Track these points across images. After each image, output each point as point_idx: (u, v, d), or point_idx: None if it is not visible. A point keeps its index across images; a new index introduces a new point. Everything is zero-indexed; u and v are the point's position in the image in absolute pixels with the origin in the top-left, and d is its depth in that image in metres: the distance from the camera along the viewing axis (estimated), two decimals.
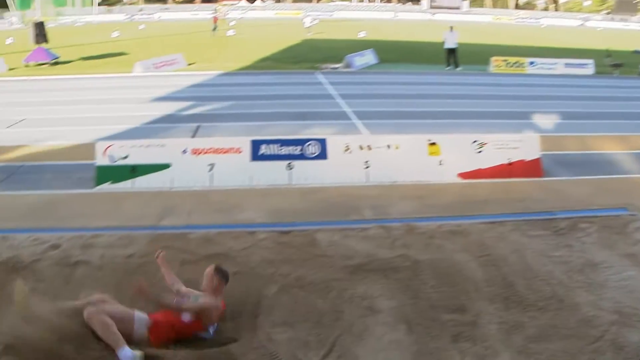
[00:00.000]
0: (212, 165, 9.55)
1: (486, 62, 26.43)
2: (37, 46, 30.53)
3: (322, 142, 9.76)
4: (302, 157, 9.65)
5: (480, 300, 5.65)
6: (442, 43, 26.63)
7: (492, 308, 5.53)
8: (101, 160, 9.64)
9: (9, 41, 47.59)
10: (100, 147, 9.75)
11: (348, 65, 26.28)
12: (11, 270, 6.32)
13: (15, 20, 49.19)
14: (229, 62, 29.19)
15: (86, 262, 6.55)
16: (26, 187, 9.59)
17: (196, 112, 16.24)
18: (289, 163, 9.61)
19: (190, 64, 28.57)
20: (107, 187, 9.49)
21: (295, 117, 15.01)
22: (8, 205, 8.72)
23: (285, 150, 9.66)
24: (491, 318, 5.37)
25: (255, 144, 9.71)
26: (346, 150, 9.72)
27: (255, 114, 15.55)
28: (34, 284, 6.08)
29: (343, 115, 15.21)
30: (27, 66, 29.56)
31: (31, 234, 7.36)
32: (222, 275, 5.52)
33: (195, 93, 19.78)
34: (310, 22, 47.98)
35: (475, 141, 9.94)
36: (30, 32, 31.11)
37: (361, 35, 44.11)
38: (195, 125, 14.24)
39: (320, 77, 23.26)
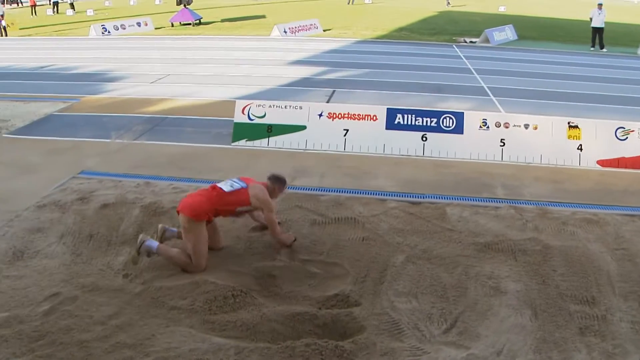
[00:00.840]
0: (346, 131, 9.62)
1: (636, 44, 24.60)
2: (181, 7, 32.05)
3: (459, 116, 9.55)
4: (437, 129, 9.49)
5: (612, 295, 5.35)
6: (588, 21, 25.01)
7: (625, 305, 5.21)
8: (239, 117, 9.97)
9: (157, 2, 50.09)
10: (239, 105, 10.07)
11: (486, 40, 25.40)
12: (153, 214, 6.80)
13: None
14: (365, 30, 29.12)
15: None
16: (168, 139, 10.13)
17: (331, 77, 16.39)
18: (424, 134, 9.48)
19: (326, 30, 28.79)
20: (243, 143, 9.84)
21: (431, 89, 14.79)
22: (152, 154, 9.30)
23: (420, 121, 9.52)
24: (623, 315, 5.07)
25: (391, 113, 9.64)
26: (482, 126, 9.45)
27: (390, 83, 15.47)
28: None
29: (479, 91, 14.76)
30: (172, 26, 31.13)
31: (172, 182, 7.88)
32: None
33: (331, 59, 19.96)
34: None
35: (620, 128, 9.31)
36: None
37: (501, 9, 42.41)
38: (330, 90, 14.37)
39: (457, 51, 22.66)
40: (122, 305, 5.04)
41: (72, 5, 44.44)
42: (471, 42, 25.50)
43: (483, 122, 9.47)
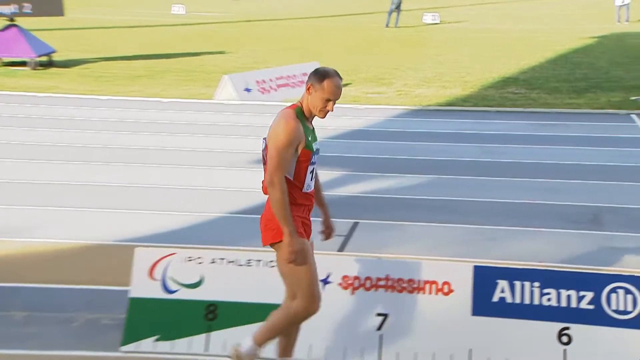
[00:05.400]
0: (383, 317, 8.92)
1: None
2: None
3: None
4: (594, 316, 8.64)
5: None
6: None
7: None
8: (142, 286, 9.44)
9: None
10: (142, 257, 9.51)
11: None
12: None
13: None
14: (426, 84, 29.32)
15: None
16: None
17: (349, 192, 16.15)
18: (563, 329, 8.60)
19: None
20: (148, 347, 9.11)
21: (577, 220, 14.07)
22: None
23: (554, 297, 8.71)
24: None
25: (484, 278, 8.92)
26: None
27: (481, 206, 15.12)
28: None
29: None
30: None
31: None
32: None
33: (349, 151, 20.05)
34: (622, 1, 48.40)
35: None
36: None
37: None
38: (348, 222, 13.68)
39: (638, 122, 22.27)
40: None
41: None
42: None
43: None
